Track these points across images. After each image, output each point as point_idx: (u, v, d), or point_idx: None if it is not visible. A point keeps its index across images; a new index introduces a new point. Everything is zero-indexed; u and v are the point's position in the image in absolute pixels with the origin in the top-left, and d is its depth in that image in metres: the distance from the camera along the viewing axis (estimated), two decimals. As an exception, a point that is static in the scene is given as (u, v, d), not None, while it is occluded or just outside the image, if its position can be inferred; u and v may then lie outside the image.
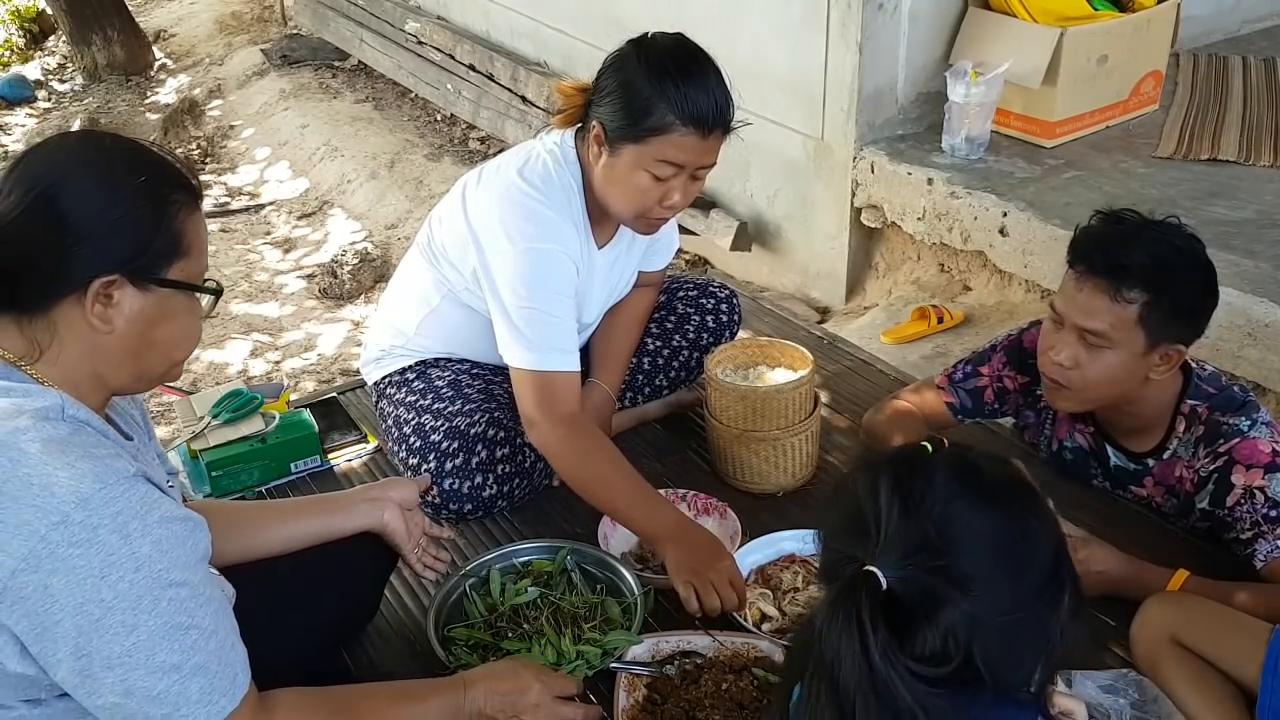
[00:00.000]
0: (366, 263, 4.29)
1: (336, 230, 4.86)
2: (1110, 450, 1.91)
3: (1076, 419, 1.94)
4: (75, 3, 6.90)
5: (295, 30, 6.96)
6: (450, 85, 5.40)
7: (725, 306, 2.39)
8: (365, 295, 4.22)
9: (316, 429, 2.22)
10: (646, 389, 2.33)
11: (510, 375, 1.91)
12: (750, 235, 3.90)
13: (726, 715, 1.55)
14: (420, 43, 5.64)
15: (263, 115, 6.04)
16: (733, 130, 1.85)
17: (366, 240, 4.67)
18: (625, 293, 2.20)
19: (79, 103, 6.79)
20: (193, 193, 1.24)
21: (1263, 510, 1.69)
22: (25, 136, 6.28)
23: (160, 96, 6.77)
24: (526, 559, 1.85)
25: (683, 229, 3.26)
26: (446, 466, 1.99)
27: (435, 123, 5.63)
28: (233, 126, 6.10)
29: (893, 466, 1.03)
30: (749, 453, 2.06)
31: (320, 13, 6.54)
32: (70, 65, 7.36)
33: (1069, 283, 1.73)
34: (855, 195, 3.51)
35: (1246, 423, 1.74)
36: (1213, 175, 3.22)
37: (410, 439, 2.04)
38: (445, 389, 2.08)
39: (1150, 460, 1.86)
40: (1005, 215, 3.09)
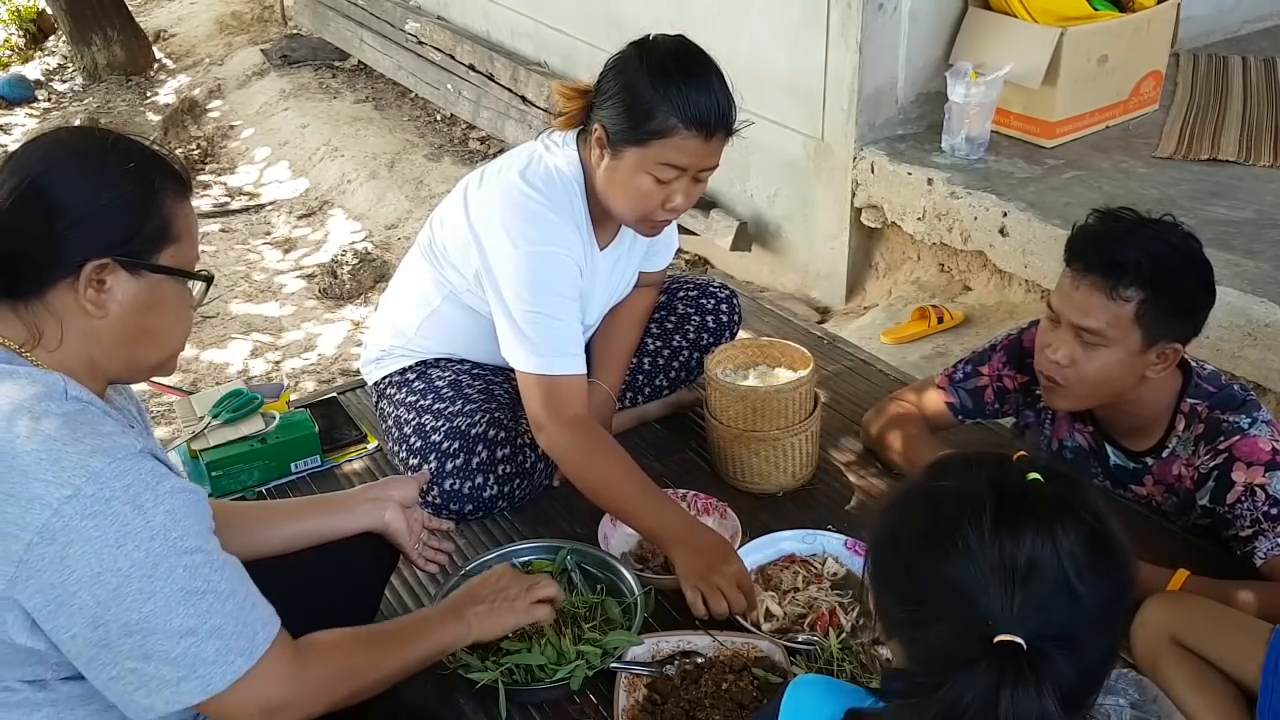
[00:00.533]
0: (366, 263, 4.29)
1: (336, 230, 4.86)
2: (1110, 449, 1.91)
3: (1076, 418, 1.94)
4: (75, 3, 6.90)
5: (295, 30, 6.96)
6: (450, 85, 5.40)
7: (725, 307, 2.39)
8: (365, 295, 4.22)
9: (316, 429, 2.22)
10: (647, 389, 2.33)
11: (517, 379, 1.91)
12: (750, 235, 3.90)
13: (726, 715, 1.55)
14: (420, 43, 5.64)
15: (263, 115, 6.04)
16: (735, 132, 1.85)
17: (366, 240, 4.68)
18: (626, 293, 2.20)
19: (79, 103, 6.79)
20: (181, 181, 1.27)
21: (1263, 508, 1.69)
22: (25, 137, 6.28)
23: (160, 96, 6.77)
24: (527, 559, 1.85)
25: (683, 229, 3.26)
26: (447, 467, 1.99)
27: (435, 123, 5.63)
28: (233, 126, 6.10)
29: (1023, 522, 0.93)
30: (749, 453, 2.06)
31: (320, 13, 6.54)
32: (70, 65, 7.37)
33: (1065, 281, 1.74)
34: (855, 195, 3.51)
35: (1247, 421, 1.74)
36: (1213, 175, 3.22)
37: (411, 439, 2.04)
38: (446, 389, 2.08)
39: (1150, 459, 1.86)
40: (1005, 215, 3.09)
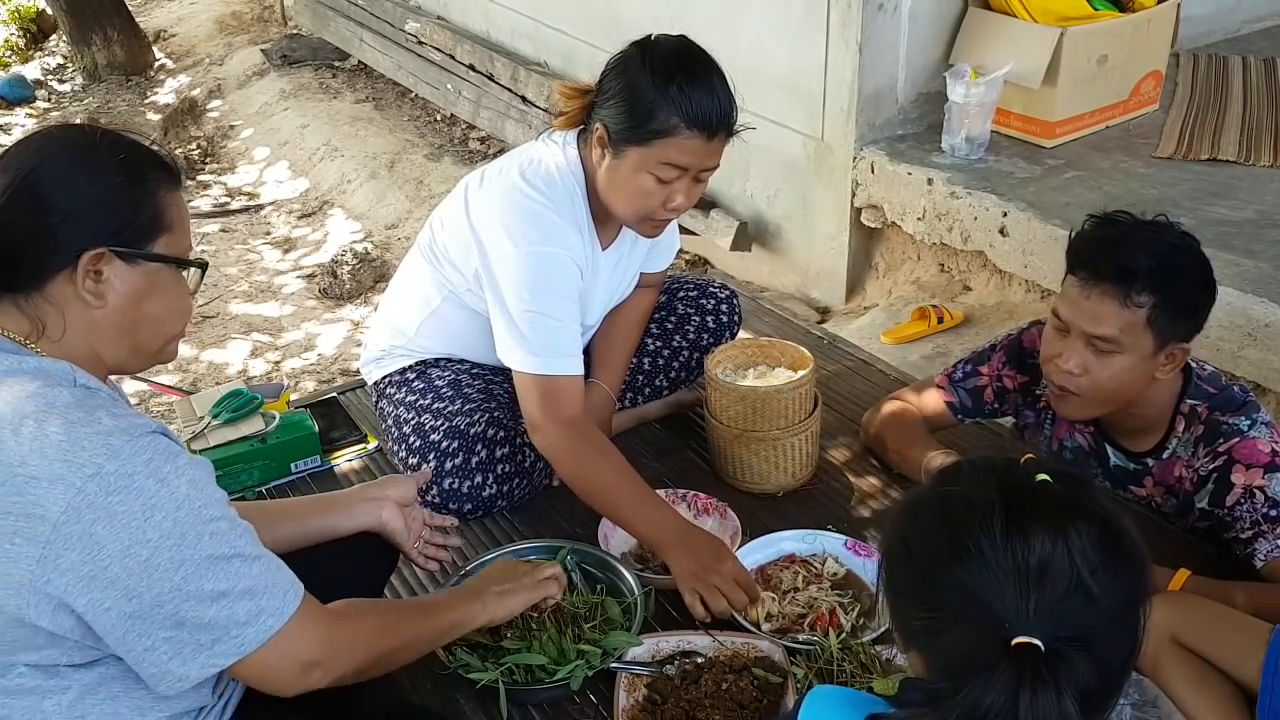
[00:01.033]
0: (366, 263, 4.29)
1: (336, 230, 4.86)
2: (1110, 450, 1.91)
3: (1076, 419, 1.94)
4: (75, 3, 6.90)
5: (295, 30, 6.96)
6: (450, 85, 5.40)
7: (725, 307, 2.39)
8: (365, 295, 4.22)
9: (316, 429, 2.22)
10: (647, 389, 2.33)
11: (514, 378, 1.91)
12: (750, 235, 3.90)
13: (726, 715, 1.55)
14: (420, 43, 5.64)
15: (263, 115, 6.04)
16: (736, 133, 1.85)
17: (366, 240, 4.67)
18: (627, 294, 2.20)
19: (79, 103, 6.79)
20: (171, 173, 1.29)
21: (1262, 509, 1.69)
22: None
23: (160, 96, 6.77)
24: (527, 559, 1.85)
25: (683, 229, 3.26)
26: (446, 466, 1.99)
27: (435, 123, 5.63)
28: (233, 126, 6.10)
29: (1034, 524, 0.93)
30: (749, 453, 2.06)
31: (320, 13, 6.54)
32: (70, 65, 7.37)
33: (1073, 290, 1.71)
34: (855, 195, 3.51)
35: (1246, 422, 1.74)
36: (1213, 175, 3.22)
37: (410, 438, 2.04)
38: (445, 389, 2.08)
39: (1150, 460, 1.86)
40: (1005, 215, 3.09)
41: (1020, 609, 0.91)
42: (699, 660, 1.65)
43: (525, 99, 4.85)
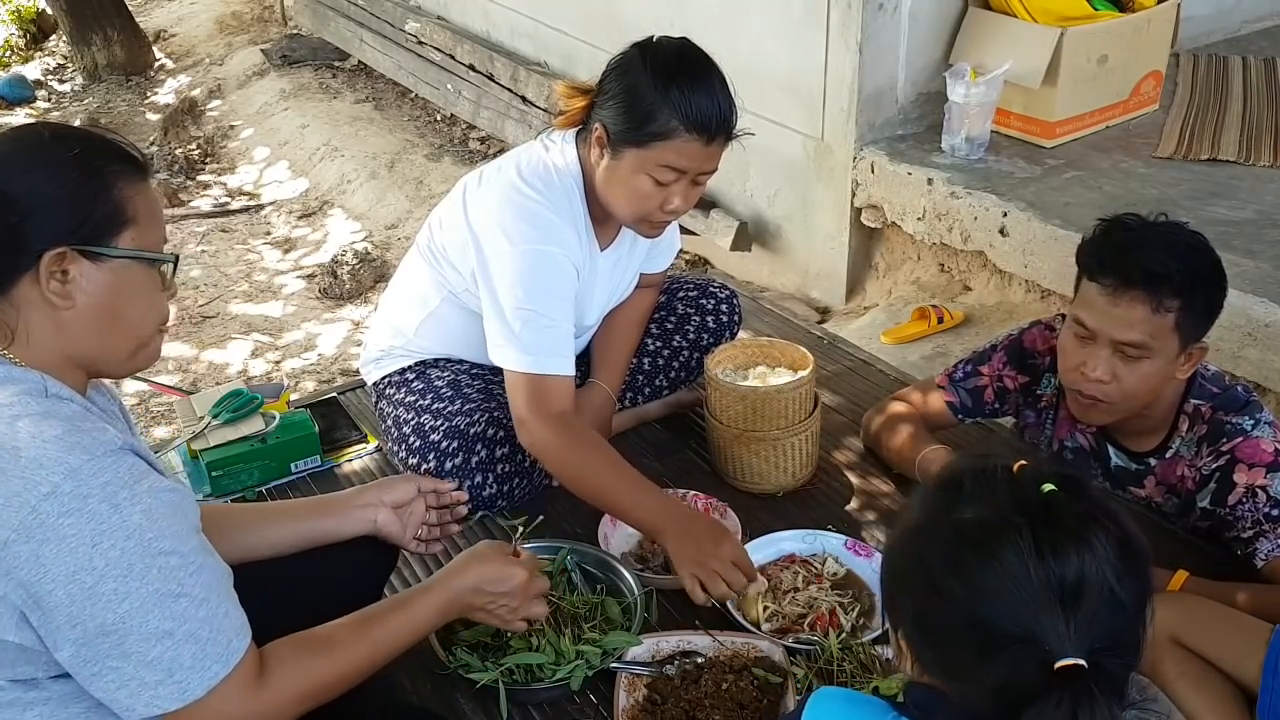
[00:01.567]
0: (366, 263, 4.29)
1: (336, 230, 4.86)
2: (1111, 450, 1.91)
3: (1099, 425, 1.92)
4: (75, 3, 6.90)
5: (295, 30, 6.96)
6: (450, 85, 5.40)
7: (725, 307, 2.39)
8: (365, 295, 4.22)
9: (316, 429, 2.22)
10: (647, 389, 2.33)
11: (504, 377, 1.91)
12: (750, 235, 3.90)
13: (726, 715, 1.55)
14: (420, 43, 5.64)
15: (263, 115, 6.04)
16: (735, 137, 1.84)
17: (366, 240, 4.67)
18: (627, 295, 2.20)
19: (79, 103, 6.79)
20: (135, 164, 1.25)
21: (1264, 509, 1.69)
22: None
23: (160, 96, 6.77)
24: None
25: (683, 229, 3.25)
26: (446, 466, 1.99)
27: (435, 123, 5.63)
28: (233, 126, 6.10)
29: (1063, 542, 0.92)
30: (749, 453, 2.06)
31: (320, 13, 6.54)
32: (70, 65, 7.37)
33: (1099, 297, 1.68)
34: (855, 195, 3.51)
35: (1249, 422, 1.74)
36: (1213, 175, 3.22)
37: (410, 439, 2.04)
38: (445, 389, 2.08)
39: (1152, 459, 1.86)
40: (1005, 215, 3.09)
41: (1060, 630, 0.89)
42: (699, 660, 1.65)
43: (525, 99, 4.85)
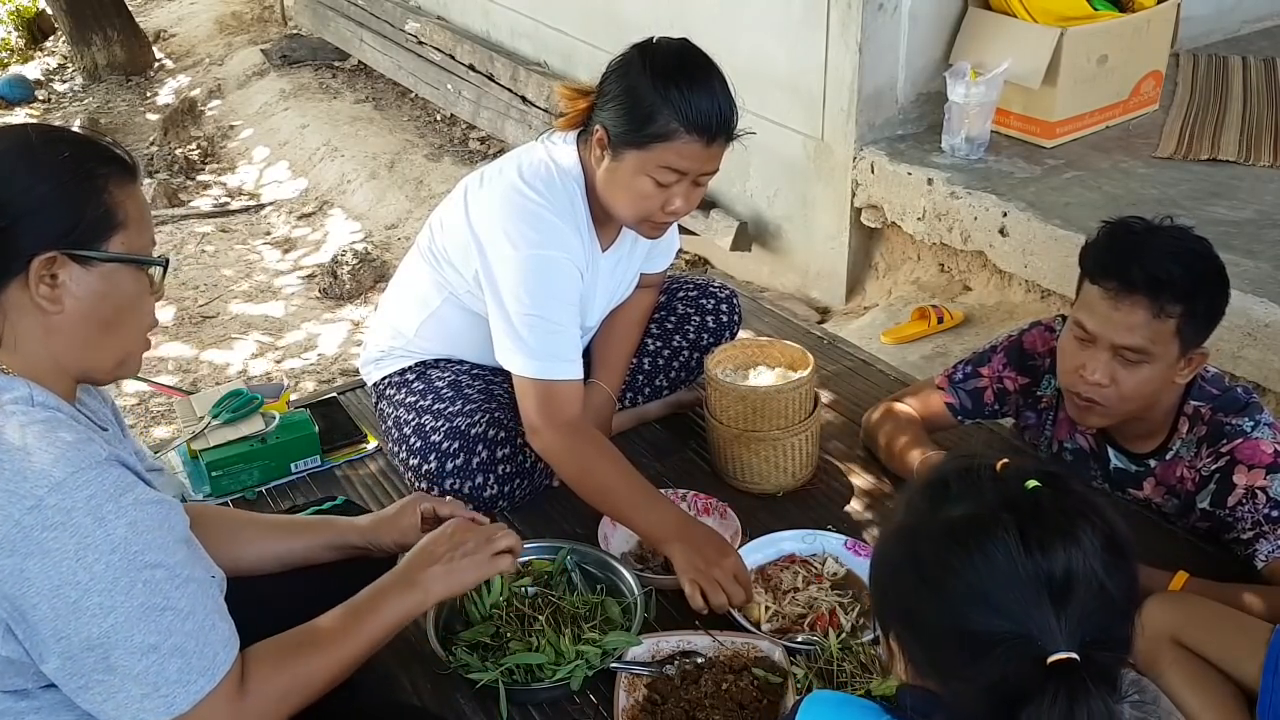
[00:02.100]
0: (366, 263, 4.29)
1: (336, 230, 4.86)
2: (1111, 452, 1.91)
3: (1097, 428, 1.92)
4: (75, 3, 6.90)
5: (295, 30, 6.96)
6: (450, 85, 5.40)
7: (725, 307, 2.39)
8: (365, 295, 4.22)
9: (316, 429, 2.22)
10: (647, 389, 2.33)
11: (513, 382, 1.91)
12: (750, 235, 3.90)
13: (726, 715, 1.55)
14: (420, 43, 5.64)
15: (262, 115, 6.04)
16: (736, 138, 1.85)
17: (366, 240, 4.67)
18: (627, 295, 2.20)
19: (79, 103, 6.79)
20: (125, 167, 1.24)
21: (1264, 510, 1.69)
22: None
23: (160, 96, 6.78)
24: (527, 559, 1.84)
25: (683, 229, 3.26)
26: (447, 467, 1.99)
27: (435, 123, 5.64)
28: (232, 127, 6.10)
29: (1050, 536, 0.93)
30: (749, 453, 2.06)
31: (320, 13, 6.54)
32: (70, 65, 7.37)
33: (1100, 301, 1.68)
34: (855, 195, 3.51)
35: (1249, 423, 1.74)
36: (1213, 175, 3.22)
37: (410, 439, 2.04)
38: (445, 389, 2.08)
39: (1152, 461, 1.86)
40: (1005, 215, 3.09)
41: (1051, 624, 0.90)
42: (699, 660, 1.65)
43: (525, 99, 4.85)
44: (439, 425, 2.01)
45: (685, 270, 4.09)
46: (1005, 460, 1.02)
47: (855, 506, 2.08)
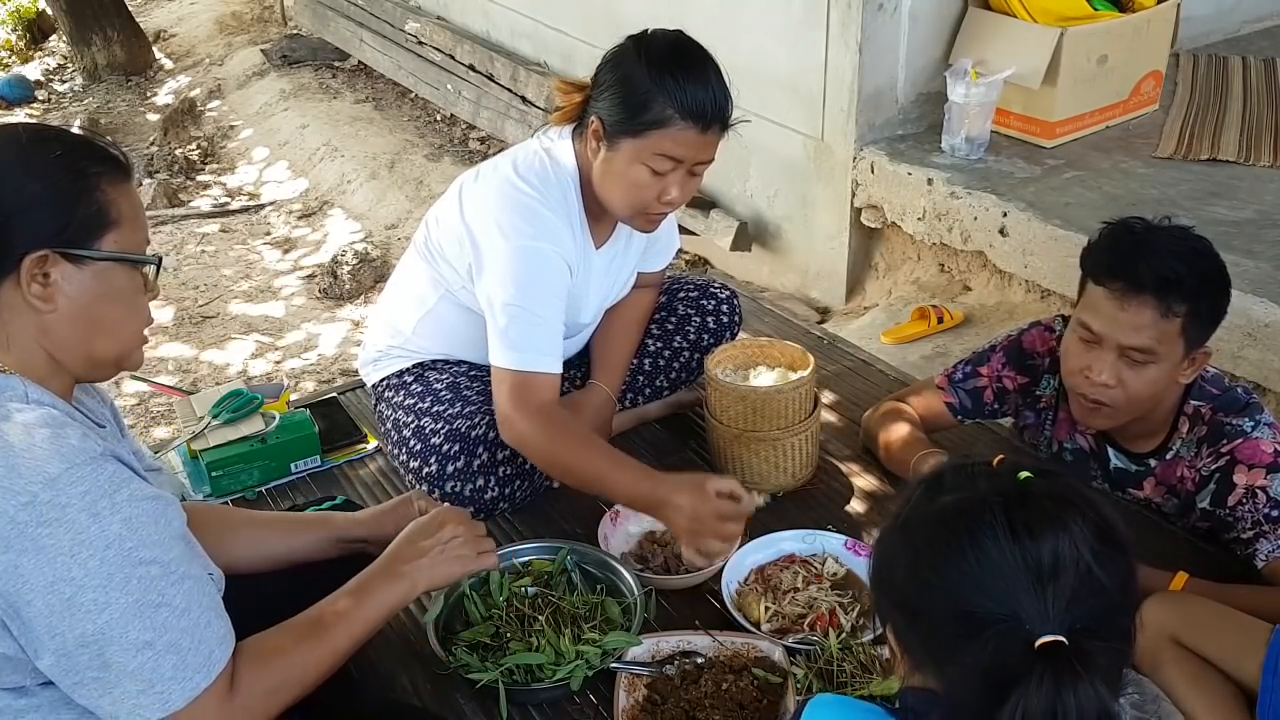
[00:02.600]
0: (366, 263, 4.29)
1: (336, 230, 4.86)
2: (1111, 452, 1.91)
3: (1102, 429, 1.92)
4: (75, 3, 6.91)
5: (295, 30, 6.96)
6: (450, 85, 5.40)
7: (726, 307, 2.39)
8: (365, 295, 4.23)
9: (317, 429, 2.22)
10: (647, 390, 2.33)
11: (491, 372, 1.91)
12: (750, 235, 3.90)
13: (726, 715, 1.55)
14: (420, 43, 5.64)
15: (262, 115, 6.04)
16: (731, 127, 1.85)
17: (366, 240, 4.68)
18: (624, 293, 2.20)
19: (79, 103, 6.79)
20: (117, 165, 1.23)
21: (1264, 510, 1.69)
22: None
23: (160, 96, 6.78)
24: (527, 559, 1.85)
25: (683, 229, 3.26)
26: (448, 469, 1.99)
27: (435, 123, 5.64)
28: (232, 127, 6.10)
29: (1037, 521, 0.94)
30: (749, 453, 2.06)
31: (320, 13, 6.54)
32: (70, 65, 7.37)
33: (1106, 302, 1.67)
34: (855, 195, 3.51)
35: (1250, 423, 1.74)
36: (1213, 175, 3.22)
37: (410, 442, 2.03)
38: (444, 391, 2.08)
39: (1152, 461, 1.86)
40: (1005, 215, 3.09)
41: (1039, 608, 0.91)
42: (699, 660, 1.65)
43: (525, 99, 4.85)
44: (439, 428, 2.01)
45: (685, 270, 4.09)
46: (1002, 456, 1.03)
47: (855, 506, 2.08)
